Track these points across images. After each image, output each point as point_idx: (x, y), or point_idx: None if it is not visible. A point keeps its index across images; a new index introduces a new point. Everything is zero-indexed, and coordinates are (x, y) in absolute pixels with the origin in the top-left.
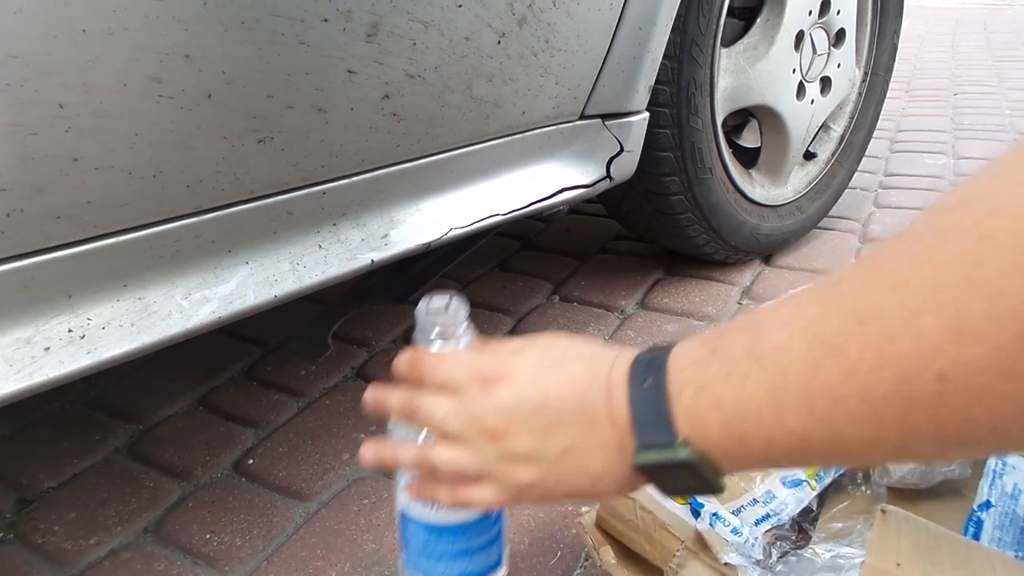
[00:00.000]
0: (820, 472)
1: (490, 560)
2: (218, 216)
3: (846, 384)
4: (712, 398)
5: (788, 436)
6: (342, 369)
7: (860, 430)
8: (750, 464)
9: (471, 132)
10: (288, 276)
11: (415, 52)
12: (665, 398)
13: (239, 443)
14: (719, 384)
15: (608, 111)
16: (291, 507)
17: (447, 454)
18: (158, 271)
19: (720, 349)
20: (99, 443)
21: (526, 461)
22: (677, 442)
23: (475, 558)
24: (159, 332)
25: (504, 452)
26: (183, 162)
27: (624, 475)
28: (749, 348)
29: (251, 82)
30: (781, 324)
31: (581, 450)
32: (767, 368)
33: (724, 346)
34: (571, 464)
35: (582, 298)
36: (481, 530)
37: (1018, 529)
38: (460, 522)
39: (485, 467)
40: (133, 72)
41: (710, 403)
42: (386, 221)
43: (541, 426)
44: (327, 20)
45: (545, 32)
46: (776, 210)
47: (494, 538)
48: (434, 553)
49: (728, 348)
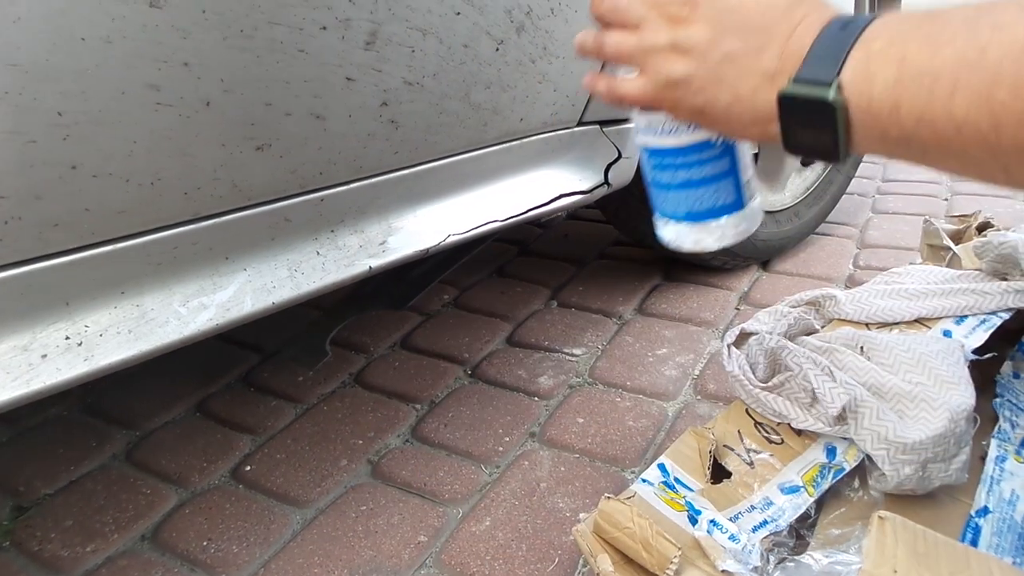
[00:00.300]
0: (817, 479)
1: (721, 199)
2: (216, 223)
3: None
4: (900, 52)
5: (946, 120)
6: (340, 375)
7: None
8: (879, 142)
9: (469, 139)
10: (286, 283)
11: (413, 59)
12: (854, 39)
13: (236, 449)
14: (916, 42)
15: (606, 118)
16: (289, 514)
17: (614, 38)
18: (156, 278)
19: (938, 15)
20: (96, 449)
21: (687, 53)
22: (833, 82)
23: (702, 192)
24: (156, 339)
25: (674, 38)
26: (181, 169)
27: (761, 108)
28: (968, 18)
29: (249, 90)
30: (1019, 8)
31: (740, 64)
32: (973, 40)
33: (943, 13)
34: (724, 72)
35: (580, 304)
36: (699, 158)
37: (1016, 535)
38: (674, 145)
39: (646, 56)
40: (131, 80)
41: (894, 56)
42: (384, 228)
43: (721, 26)
44: (326, 28)
45: (543, 39)
46: (774, 216)
47: (722, 174)
48: (661, 183)
49: (946, 15)
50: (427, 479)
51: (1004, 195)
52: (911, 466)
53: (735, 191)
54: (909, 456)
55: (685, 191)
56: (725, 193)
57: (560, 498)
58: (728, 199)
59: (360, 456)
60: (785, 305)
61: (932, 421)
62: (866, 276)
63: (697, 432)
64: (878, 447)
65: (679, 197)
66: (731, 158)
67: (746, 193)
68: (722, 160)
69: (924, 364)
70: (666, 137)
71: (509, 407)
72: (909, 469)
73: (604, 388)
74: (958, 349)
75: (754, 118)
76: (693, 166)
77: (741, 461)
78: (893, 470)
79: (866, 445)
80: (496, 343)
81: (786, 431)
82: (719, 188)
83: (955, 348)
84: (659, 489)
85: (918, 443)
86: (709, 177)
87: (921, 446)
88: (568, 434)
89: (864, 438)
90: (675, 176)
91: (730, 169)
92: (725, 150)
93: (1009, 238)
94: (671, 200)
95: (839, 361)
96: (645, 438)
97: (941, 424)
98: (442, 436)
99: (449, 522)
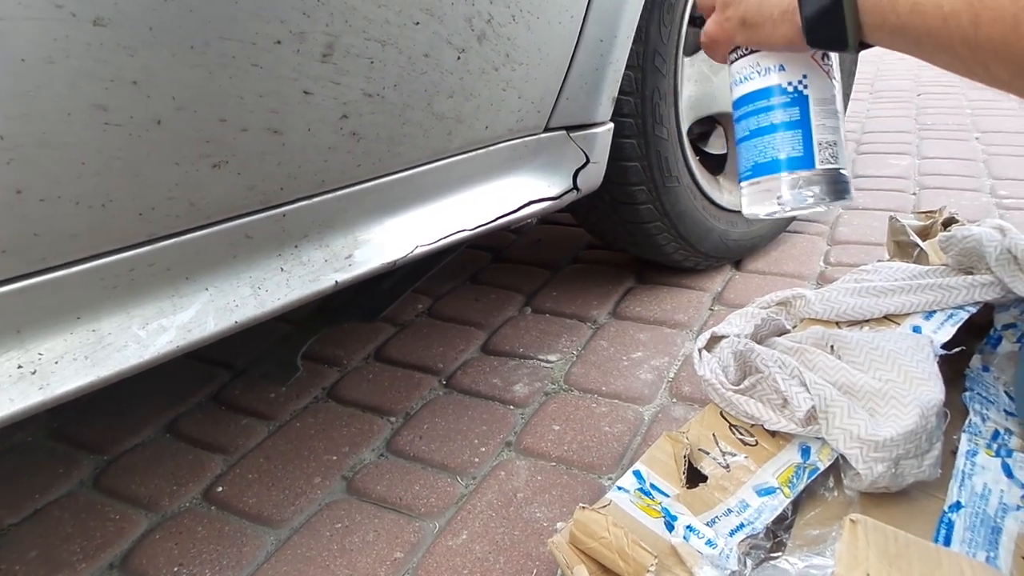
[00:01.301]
0: (793, 479)
1: (787, 151)
2: (174, 243)
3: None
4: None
5: (935, 10)
6: (312, 390)
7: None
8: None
9: (434, 148)
10: (249, 301)
11: (373, 71)
12: None
13: (208, 470)
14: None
15: (573, 123)
16: (262, 535)
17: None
18: (113, 302)
19: None
20: (63, 476)
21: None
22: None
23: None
24: (115, 364)
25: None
26: (134, 190)
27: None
28: None
29: (203, 106)
30: None
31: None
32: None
33: None
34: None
35: (554, 309)
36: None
37: (989, 529)
38: (746, 91)
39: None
40: (77, 100)
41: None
42: (350, 241)
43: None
44: (280, 42)
45: (505, 46)
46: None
47: (789, 123)
48: (738, 139)
49: None
50: (403, 493)
51: (970, 188)
52: (884, 463)
53: (804, 146)
54: (881, 454)
55: (753, 140)
56: (791, 145)
57: (537, 508)
58: (794, 152)
59: (334, 472)
60: (755, 307)
61: (903, 418)
62: (837, 272)
63: (672, 437)
64: (851, 446)
65: (749, 149)
66: (801, 109)
67: (819, 154)
68: (791, 109)
69: (894, 361)
70: (740, 87)
71: (485, 416)
72: (882, 467)
73: (580, 394)
74: (927, 345)
75: (782, 12)
76: (761, 112)
77: (716, 464)
78: (866, 468)
79: (839, 444)
80: (471, 352)
81: (760, 433)
82: (785, 138)
83: (924, 344)
84: (635, 496)
85: (890, 440)
86: (776, 124)
87: (893, 443)
88: (544, 442)
89: (836, 437)
90: (747, 126)
91: (800, 121)
92: (795, 99)
93: (973, 232)
94: (743, 156)
95: (809, 361)
96: (621, 443)
97: (912, 420)
98: (417, 449)
99: (425, 537)
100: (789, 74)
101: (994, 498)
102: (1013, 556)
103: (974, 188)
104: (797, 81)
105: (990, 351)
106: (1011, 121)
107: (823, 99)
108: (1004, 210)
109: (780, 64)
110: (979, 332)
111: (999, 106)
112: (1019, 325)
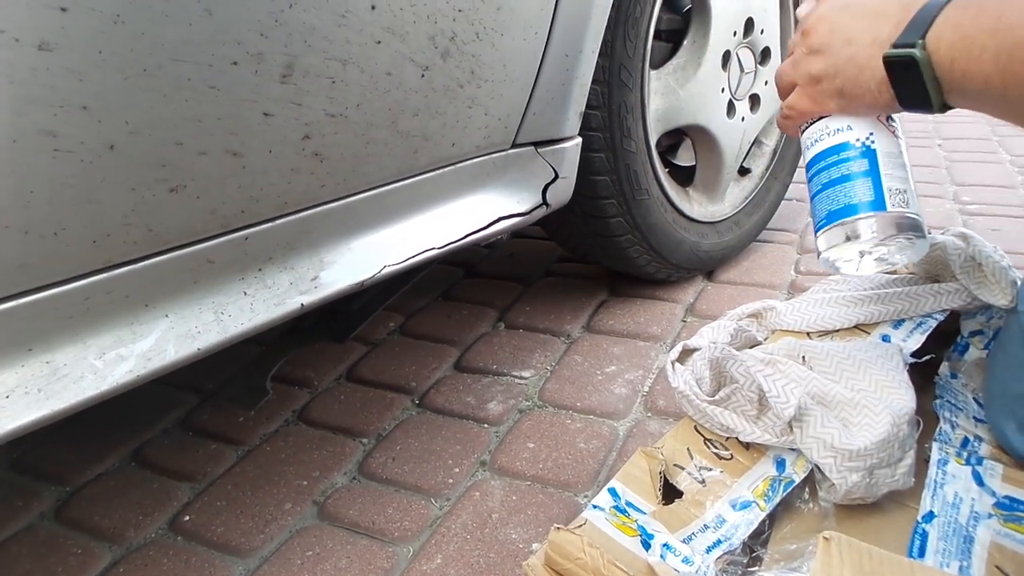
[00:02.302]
0: (768, 492)
1: (858, 196)
2: (131, 270)
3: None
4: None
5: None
6: (283, 412)
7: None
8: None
9: (400, 167)
10: (212, 327)
11: (334, 91)
12: (941, 8)
13: (174, 499)
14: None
15: (540, 138)
16: (230, 565)
17: (780, 67)
18: (67, 332)
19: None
20: (22, 509)
21: (819, 52)
22: (917, 43)
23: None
24: (71, 396)
25: (808, 46)
26: (87, 217)
27: (880, 72)
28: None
29: (158, 130)
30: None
31: (859, 42)
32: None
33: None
34: (849, 53)
35: (528, 324)
36: (839, 158)
37: (961, 538)
38: (819, 150)
39: (795, 70)
40: (23, 127)
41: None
42: (315, 263)
43: (840, 22)
44: (237, 63)
45: (470, 63)
46: (715, 226)
47: (860, 173)
48: (812, 194)
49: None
50: (375, 517)
51: (934, 195)
52: (858, 473)
53: (874, 191)
54: (855, 463)
55: (827, 191)
56: (863, 191)
57: (512, 528)
58: (865, 197)
59: (305, 498)
60: (727, 319)
61: (875, 427)
62: (808, 281)
63: (647, 452)
64: (825, 455)
65: (823, 201)
66: (871, 160)
67: (889, 199)
68: (861, 160)
69: (865, 370)
70: (812, 148)
71: (458, 436)
72: (856, 476)
73: (554, 410)
74: (897, 353)
75: (877, 82)
76: (833, 166)
77: (692, 479)
78: (841, 478)
79: (813, 454)
80: (444, 370)
81: (735, 446)
82: (856, 185)
83: (894, 352)
84: (610, 514)
85: (863, 449)
86: (849, 175)
87: (866, 452)
88: (519, 461)
89: (810, 447)
90: (819, 181)
91: (870, 171)
92: (864, 151)
93: (938, 240)
94: (818, 208)
95: (782, 372)
96: (597, 460)
97: (884, 429)
98: (390, 471)
99: (399, 562)
100: (858, 132)
101: (965, 507)
102: (986, 564)
103: (938, 195)
104: (865, 137)
105: (957, 358)
106: (973, 127)
107: (890, 152)
108: (967, 216)
109: (848, 124)
110: (947, 340)
111: (960, 113)
112: (986, 332)
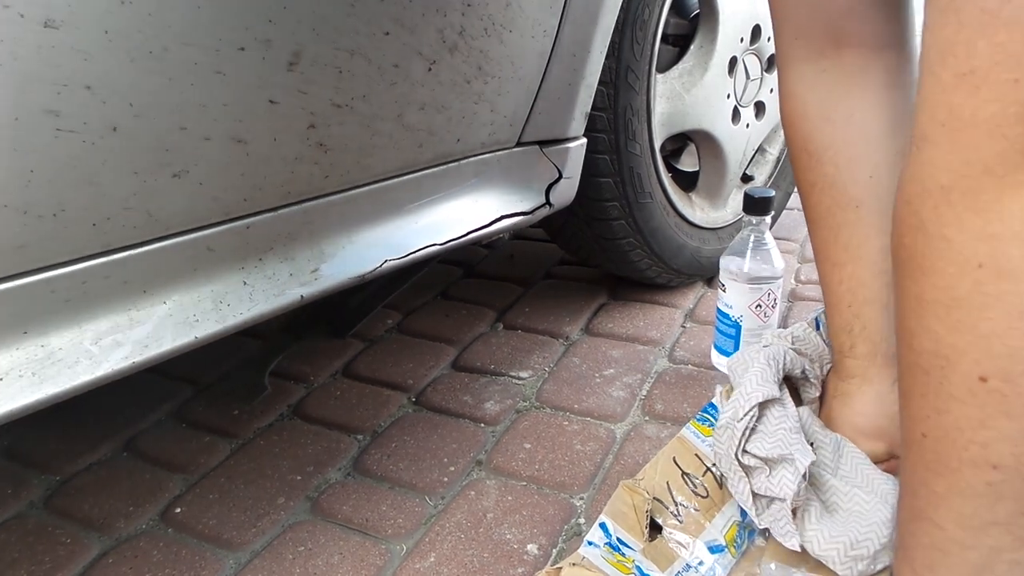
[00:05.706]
0: (737, 540)
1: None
2: (131, 255)
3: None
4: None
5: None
6: (278, 407)
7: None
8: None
9: (404, 161)
10: (210, 316)
11: (341, 81)
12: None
13: (166, 490)
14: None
15: (545, 138)
16: (221, 558)
17: None
18: (64, 316)
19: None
20: (11, 497)
21: None
22: None
23: None
24: (65, 381)
25: None
26: (88, 199)
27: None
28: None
29: (163, 114)
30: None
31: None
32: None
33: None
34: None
35: (526, 325)
36: None
37: None
38: None
39: None
40: (26, 105)
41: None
42: (316, 254)
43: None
44: (244, 49)
45: (477, 59)
46: (716, 232)
47: None
48: None
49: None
50: (369, 514)
51: None
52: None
53: None
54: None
55: None
56: None
57: (507, 529)
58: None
59: (299, 492)
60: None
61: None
62: (808, 290)
63: (629, 487)
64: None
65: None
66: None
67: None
68: None
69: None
70: None
71: (454, 435)
72: (862, 565)
73: (551, 412)
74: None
75: None
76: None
77: (672, 516)
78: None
79: (813, 547)
80: (441, 368)
81: (710, 482)
82: None
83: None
84: (605, 552)
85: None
86: None
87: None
88: (515, 461)
89: (810, 540)
90: None
91: None
92: None
93: None
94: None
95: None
96: (593, 462)
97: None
98: (385, 468)
99: (392, 559)
100: None
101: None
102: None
103: None
104: None
105: None
106: None
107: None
108: None
109: None
110: None
111: None
112: None
